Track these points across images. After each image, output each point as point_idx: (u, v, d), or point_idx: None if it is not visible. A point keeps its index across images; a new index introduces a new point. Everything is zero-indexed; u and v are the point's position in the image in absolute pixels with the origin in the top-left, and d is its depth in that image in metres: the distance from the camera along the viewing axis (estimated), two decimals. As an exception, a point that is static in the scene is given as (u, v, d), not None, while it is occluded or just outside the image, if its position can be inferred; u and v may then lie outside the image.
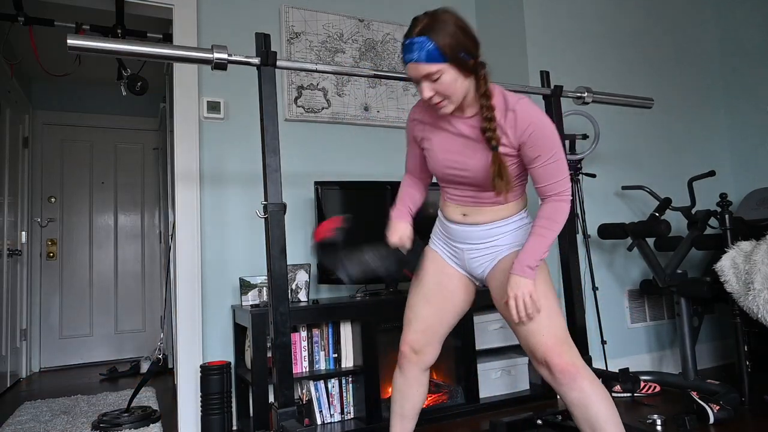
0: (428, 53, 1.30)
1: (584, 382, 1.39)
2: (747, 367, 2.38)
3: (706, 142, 3.43)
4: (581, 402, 1.39)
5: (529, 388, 2.69)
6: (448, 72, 1.32)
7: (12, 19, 2.74)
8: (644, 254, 2.68)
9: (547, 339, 1.42)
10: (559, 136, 1.42)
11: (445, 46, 1.29)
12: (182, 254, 2.45)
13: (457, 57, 1.31)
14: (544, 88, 2.09)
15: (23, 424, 2.64)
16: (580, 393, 1.39)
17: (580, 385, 1.38)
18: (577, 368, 1.39)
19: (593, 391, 1.38)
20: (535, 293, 1.43)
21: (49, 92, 4.64)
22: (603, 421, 1.37)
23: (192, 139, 2.53)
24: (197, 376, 2.41)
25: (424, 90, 1.36)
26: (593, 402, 1.38)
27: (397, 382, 1.67)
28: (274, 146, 1.57)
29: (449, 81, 1.33)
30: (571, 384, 1.39)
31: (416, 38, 1.31)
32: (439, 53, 1.30)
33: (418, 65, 1.32)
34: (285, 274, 1.54)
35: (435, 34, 1.29)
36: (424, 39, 1.30)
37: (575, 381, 1.39)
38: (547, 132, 1.39)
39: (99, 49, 1.43)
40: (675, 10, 3.44)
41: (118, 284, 4.68)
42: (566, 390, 1.40)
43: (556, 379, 1.41)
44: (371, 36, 3.01)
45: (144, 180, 4.89)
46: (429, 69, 1.31)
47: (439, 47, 1.29)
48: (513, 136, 1.40)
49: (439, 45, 1.29)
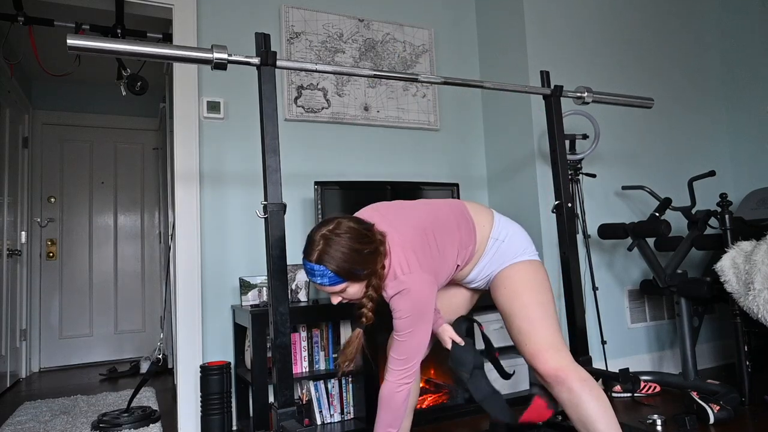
0: (330, 279, 1.39)
1: (573, 383, 1.44)
2: (747, 367, 2.38)
3: (706, 142, 3.43)
4: (572, 402, 1.44)
5: (529, 388, 2.68)
6: (350, 286, 1.42)
7: (12, 19, 2.73)
8: (644, 254, 2.68)
9: (531, 347, 1.49)
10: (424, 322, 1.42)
11: (340, 270, 1.38)
12: (182, 254, 2.45)
13: (353, 275, 1.40)
14: (544, 88, 2.09)
15: (23, 424, 2.63)
16: (570, 394, 1.43)
17: (569, 386, 1.44)
18: (566, 372, 1.45)
19: (583, 391, 1.43)
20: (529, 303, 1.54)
21: (49, 92, 4.64)
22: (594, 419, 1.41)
23: (192, 139, 2.53)
24: (197, 376, 2.40)
25: (333, 299, 1.47)
26: (583, 401, 1.42)
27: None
28: (274, 146, 1.56)
29: (354, 291, 1.44)
30: (561, 386, 1.46)
31: (315, 266, 1.39)
32: (338, 277, 1.39)
33: (324, 287, 1.42)
34: (285, 274, 1.53)
35: (330, 262, 1.37)
36: (322, 268, 1.38)
37: (563, 384, 1.45)
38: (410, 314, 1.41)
39: (99, 49, 1.43)
40: (675, 10, 3.44)
41: (118, 284, 4.68)
42: (557, 392, 1.47)
43: (546, 382, 1.49)
44: (371, 36, 3.01)
45: (144, 180, 4.89)
46: (334, 289, 1.42)
47: (338, 273, 1.38)
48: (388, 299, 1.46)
49: (338, 272, 1.38)
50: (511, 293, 1.55)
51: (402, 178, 2.99)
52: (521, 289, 1.54)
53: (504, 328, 2.66)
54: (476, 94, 3.31)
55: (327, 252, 1.38)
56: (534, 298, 1.53)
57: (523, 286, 1.54)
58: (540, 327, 1.49)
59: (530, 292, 1.53)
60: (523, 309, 1.51)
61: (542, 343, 1.47)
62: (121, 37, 2.82)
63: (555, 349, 1.47)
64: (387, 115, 2.99)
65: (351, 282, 1.41)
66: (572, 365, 1.46)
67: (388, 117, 2.99)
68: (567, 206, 2.01)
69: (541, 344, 1.47)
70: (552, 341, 1.48)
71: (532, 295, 1.53)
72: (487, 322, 2.62)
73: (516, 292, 1.54)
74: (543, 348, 1.47)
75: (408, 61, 3.10)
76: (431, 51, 3.16)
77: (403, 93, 3.05)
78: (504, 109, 3.09)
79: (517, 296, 1.54)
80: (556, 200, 2.03)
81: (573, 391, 1.43)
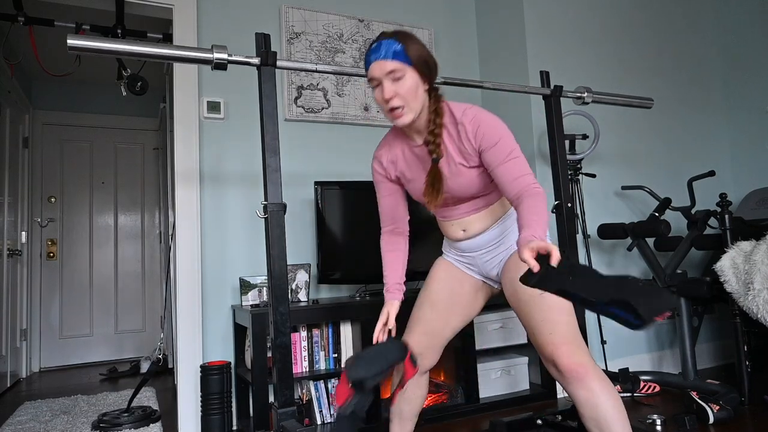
0: (395, 52, 1.35)
1: (593, 382, 1.37)
2: (747, 367, 2.38)
3: (706, 142, 3.43)
4: (589, 402, 1.37)
5: (529, 388, 2.69)
6: (411, 75, 1.37)
7: (12, 19, 2.74)
8: (644, 254, 2.68)
9: (555, 338, 1.41)
10: (513, 137, 1.43)
11: (411, 51, 1.36)
12: (182, 254, 2.45)
13: (420, 64, 1.38)
14: (544, 88, 2.09)
15: (23, 424, 2.64)
16: (589, 392, 1.37)
17: (589, 384, 1.37)
18: (586, 368, 1.38)
19: (602, 392, 1.37)
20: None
21: (49, 92, 4.64)
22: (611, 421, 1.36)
23: (192, 139, 2.53)
24: (197, 376, 2.41)
25: (385, 89, 1.37)
26: (602, 402, 1.36)
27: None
28: (274, 146, 1.57)
29: (411, 85, 1.37)
30: (579, 384, 1.38)
31: (384, 41, 1.37)
32: (405, 55, 1.35)
33: (385, 62, 1.36)
34: (285, 274, 1.54)
35: (403, 40, 1.36)
36: (392, 41, 1.36)
37: (583, 381, 1.37)
38: (498, 131, 1.41)
39: (99, 49, 1.43)
40: (675, 11, 3.44)
41: (118, 284, 4.68)
42: (574, 389, 1.39)
43: (564, 377, 1.40)
44: (371, 36, 3.01)
45: (144, 180, 4.89)
46: (394, 65, 1.35)
47: (406, 50, 1.35)
48: (471, 148, 1.43)
49: (407, 49, 1.36)
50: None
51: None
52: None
53: (504, 328, 2.67)
54: (476, 94, 3.31)
55: (401, 34, 1.38)
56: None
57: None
58: (566, 317, 1.43)
59: None
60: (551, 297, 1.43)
61: (567, 335, 1.41)
62: (121, 37, 2.83)
63: (577, 343, 1.42)
64: (387, 115, 2.98)
65: (414, 69, 1.37)
66: (592, 363, 1.40)
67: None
68: (567, 206, 2.01)
69: (566, 336, 1.40)
70: (575, 334, 1.42)
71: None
72: (486, 322, 2.63)
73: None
74: (567, 340, 1.40)
75: (408, 61, 3.09)
76: (431, 51, 3.16)
77: (403, 93, 3.05)
78: (504, 109, 3.09)
79: None
80: (556, 200, 2.04)
81: (593, 390, 1.37)
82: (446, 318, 1.63)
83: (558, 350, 1.40)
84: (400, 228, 1.68)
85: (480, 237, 1.58)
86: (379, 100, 1.41)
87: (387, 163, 1.61)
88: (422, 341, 1.62)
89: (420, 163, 1.53)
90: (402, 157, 1.57)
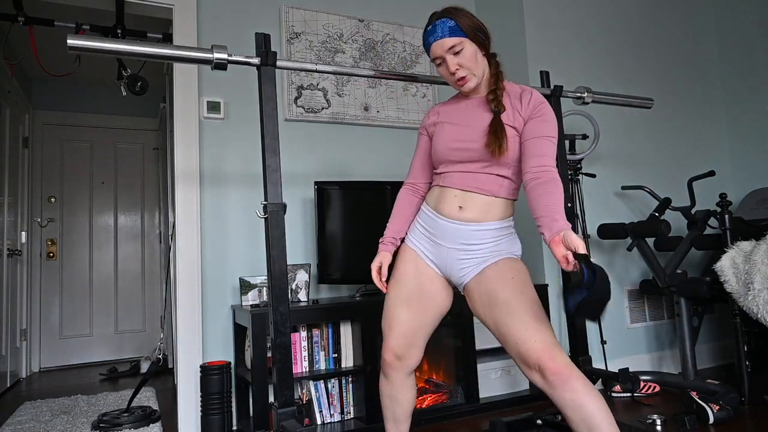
0: (450, 29, 1.48)
1: (577, 382, 1.39)
2: (747, 367, 2.38)
3: (706, 142, 3.43)
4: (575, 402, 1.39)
5: (528, 388, 2.69)
6: (468, 46, 1.49)
7: (12, 19, 2.74)
8: (644, 254, 2.68)
9: (538, 344, 1.42)
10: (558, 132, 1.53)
11: (464, 24, 1.49)
12: (182, 254, 2.45)
13: (475, 34, 1.50)
14: (544, 88, 2.09)
15: (23, 424, 2.64)
16: (574, 394, 1.39)
17: (573, 386, 1.39)
18: (569, 370, 1.40)
19: (586, 391, 1.39)
20: (531, 292, 1.48)
21: (49, 92, 4.64)
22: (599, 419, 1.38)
23: (192, 139, 2.54)
24: (197, 376, 2.41)
25: (449, 64, 1.50)
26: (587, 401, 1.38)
27: (384, 389, 1.64)
28: (274, 146, 1.57)
29: (471, 54, 1.50)
30: (564, 386, 1.39)
31: (437, 21, 1.50)
32: (460, 29, 1.48)
33: (443, 40, 1.48)
34: (285, 274, 1.54)
35: (454, 16, 1.49)
36: (445, 19, 1.49)
37: (568, 383, 1.39)
38: (551, 115, 1.52)
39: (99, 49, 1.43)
40: (675, 10, 3.45)
41: (118, 284, 4.69)
42: (560, 392, 1.40)
43: (549, 382, 1.40)
44: (371, 36, 3.01)
45: (144, 180, 4.89)
46: (452, 41, 1.48)
47: (459, 24, 1.48)
48: (524, 110, 1.52)
49: (459, 23, 1.48)
50: (520, 284, 1.49)
51: (402, 178, 3.00)
52: (526, 284, 1.49)
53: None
54: (476, 94, 3.31)
55: (450, 11, 1.50)
56: (535, 296, 1.51)
57: (526, 281, 1.51)
58: (546, 323, 1.45)
59: (532, 289, 1.51)
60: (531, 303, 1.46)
61: (550, 340, 1.42)
62: (121, 37, 2.83)
63: (558, 347, 1.45)
64: (387, 115, 2.99)
65: (470, 40, 1.48)
66: (573, 364, 1.44)
67: (388, 117, 2.99)
68: (567, 206, 2.01)
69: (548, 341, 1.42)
70: (554, 340, 1.45)
71: (534, 293, 1.51)
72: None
73: (524, 284, 1.49)
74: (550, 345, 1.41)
75: (408, 61, 3.10)
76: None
77: (403, 93, 3.06)
78: (504, 109, 3.09)
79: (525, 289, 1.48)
80: (556, 200, 2.03)
81: (577, 391, 1.39)
82: (423, 316, 1.60)
83: (543, 356, 1.40)
84: (419, 184, 1.74)
85: (468, 227, 1.54)
86: (445, 74, 1.54)
87: (434, 115, 1.70)
88: (402, 343, 1.58)
89: (472, 111, 1.60)
90: (454, 107, 1.65)
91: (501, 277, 1.50)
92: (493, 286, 1.49)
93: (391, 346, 1.60)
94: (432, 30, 1.50)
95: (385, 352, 1.61)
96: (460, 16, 1.49)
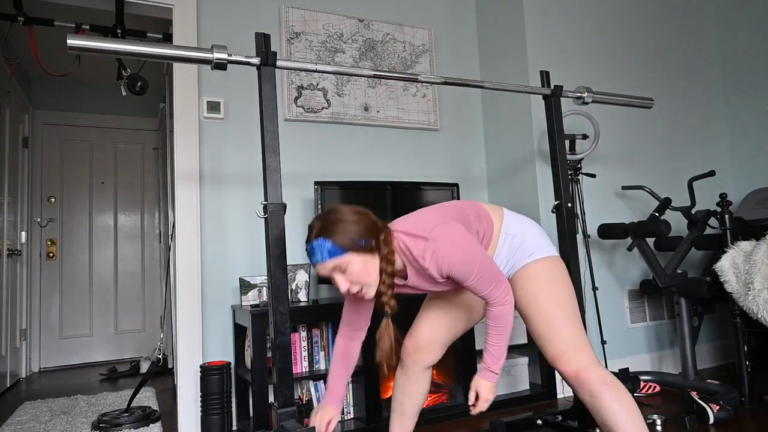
0: (329, 251, 1.34)
1: (593, 385, 1.40)
2: (747, 367, 2.38)
3: (706, 142, 3.43)
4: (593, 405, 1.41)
5: (529, 388, 2.69)
6: (354, 259, 1.35)
7: (12, 19, 2.74)
8: (644, 254, 2.68)
9: (555, 347, 1.46)
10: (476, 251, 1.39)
11: (342, 241, 1.34)
12: (182, 254, 2.45)
13: (356, 246, 1.35)
14: (544, 88, 2.09)
15: (23, 424, 2.63)
16: (591, 397, 1.41)
17: (590, 389, 1.41)
18: (585, 373, 1.42)
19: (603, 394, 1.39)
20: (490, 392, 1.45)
21: (49, 92, 4.64)
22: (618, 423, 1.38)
23: (192, 139, 2.53)
24: (197, 376, 2.40)
25: (339, 283, 1.38)
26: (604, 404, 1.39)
27: (399, 380, 1.70)
28: (274, 146, 1.57)
29: (360, 267, 1.36)
30: (582, 389, 1.43)
31: (314, 242, 1.36)
32: (339, 248, 1.34)
33: (324, 263, 1.36)
34: (285, 274, 1.53)
35: (329, 235, 1.34)
36: (321, 240, 1.35)
37: (584, 386, 1.42)
38: (462, 259, 1.37)
39: (99, 49, 1.43)
40: (675, 10, 3.44)
41: (118, 284, 4.68)
42: (580, 395, 1.46)
43: (570, 385, 1.47)
44: (371, 36, 3.01)
45: (144, 180, 4.89)
46: (334, 263, 1.35)
47: (337, 244, 1.34)
48: (438, 275, 1.41)
49: (336, 242, 1.34)
50: (528, 295, 1.50)
51: (402, 178, 3.00)
52: (538, 290, 1.50)
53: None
54: (476, 94, 3.31)
55: (325, 228, 1.35)
56: (551, 297, 1.49)
57: (539, 286, 1.50)
58: (560, 328, 1.46)
59: (547, 292, 1.49)
60: (542, 311, 1.48)
61: (563, 345, 1.44)
62: (121, 37, 2.83)
63: (575, 350, 1.44)
64: (387, 115, 2.99)
65: (353, 254, 1.34)
66: (593, 366, 1.43)
67: (388, 117, 2.99)
68: (567, 206, 2.01)
69: (561, 346, 1.44)
70: (573, 342, 1.45)
71: (550, 295, 1.49)
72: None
73: (533, 293, 1.50)
74: (563, 350, 1.44)
75: (408, 61, 3.10)
76: (431, 51, 3.17)
77: (403, 93, 3.05)
78: (504, 109, 3.09)
79: (534, 298, 1.49)
80: (556, 200, 2.03)
81: (594, 394, 1.40)
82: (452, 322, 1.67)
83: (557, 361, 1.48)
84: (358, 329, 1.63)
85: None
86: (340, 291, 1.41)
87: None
88: (428, 334, 1.65)
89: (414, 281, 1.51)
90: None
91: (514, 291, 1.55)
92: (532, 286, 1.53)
93: (413, 335, 1.66)
94: (311, 251, 1.37)
95: (407, 340, 1.67)
96: (337, 233, 1.34)
